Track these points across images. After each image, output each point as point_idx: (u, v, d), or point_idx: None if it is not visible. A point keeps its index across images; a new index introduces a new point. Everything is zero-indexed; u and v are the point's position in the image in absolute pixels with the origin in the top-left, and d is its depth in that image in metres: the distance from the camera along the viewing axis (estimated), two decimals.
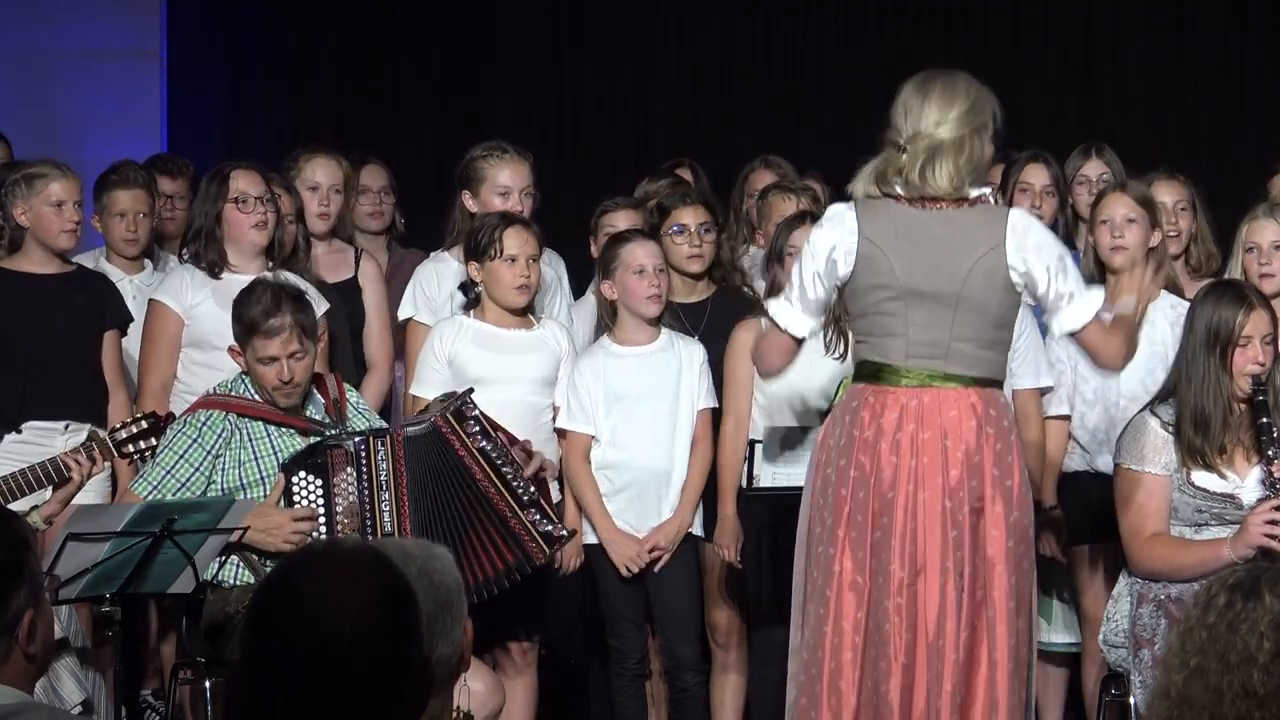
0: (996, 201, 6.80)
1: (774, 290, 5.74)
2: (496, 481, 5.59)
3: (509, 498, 5.58)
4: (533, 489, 5.62)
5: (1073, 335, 5.18)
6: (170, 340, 6.36)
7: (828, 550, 5.01)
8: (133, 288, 6.78)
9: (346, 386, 5.84)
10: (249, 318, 5.58)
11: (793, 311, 5.13)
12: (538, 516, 5.60)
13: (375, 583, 2.70)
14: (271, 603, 2.70)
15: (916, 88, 5.12)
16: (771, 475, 6.00)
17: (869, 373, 5.09)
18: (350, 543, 2.89)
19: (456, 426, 5.60)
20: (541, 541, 5.60)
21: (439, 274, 6.46)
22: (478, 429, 5.61)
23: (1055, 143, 7.98)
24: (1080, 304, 5.11)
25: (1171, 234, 6.51)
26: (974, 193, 5.09)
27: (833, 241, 5.06)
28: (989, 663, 4.96)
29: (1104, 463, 6.02)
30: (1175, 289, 6.31)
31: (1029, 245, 5.05)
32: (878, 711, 4.93)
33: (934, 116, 5.06)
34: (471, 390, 5.71)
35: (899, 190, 5.06)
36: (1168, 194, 6.57)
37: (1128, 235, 6.22)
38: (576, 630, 6.76)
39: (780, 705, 5.24)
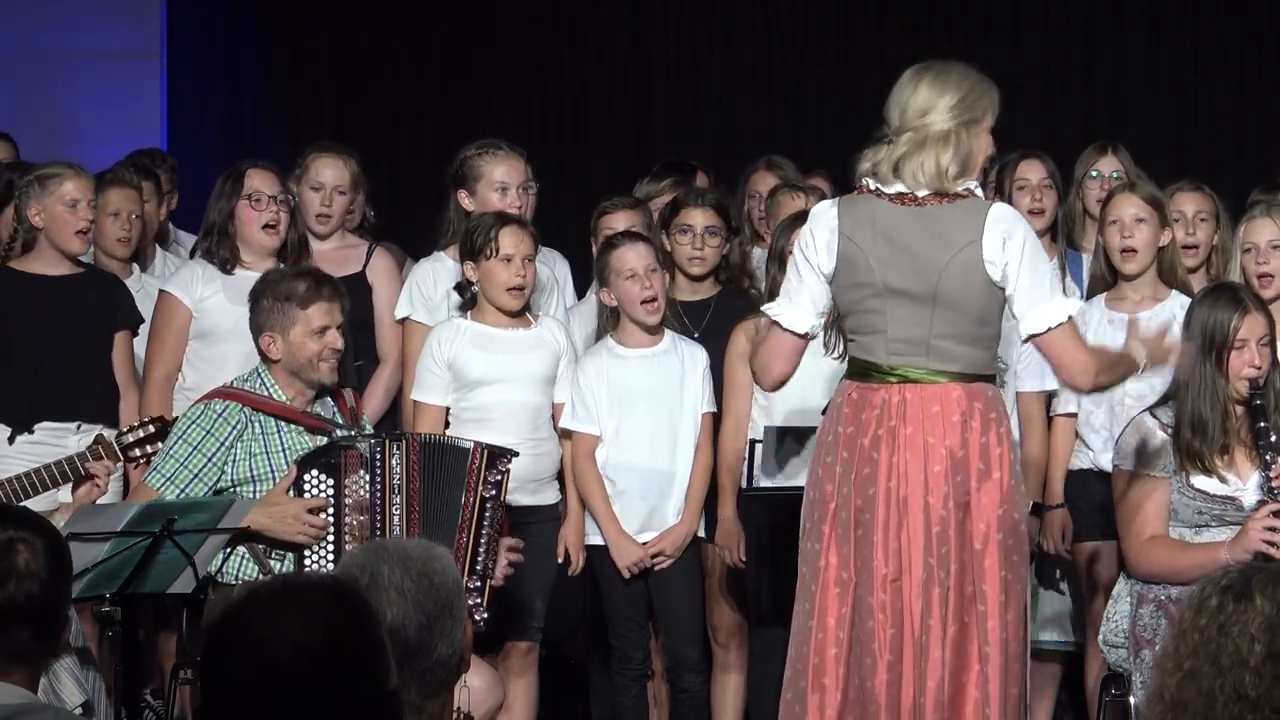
0: (988, 197, 6.78)
1: (774, 291, 5.67)
2: (472, 534, 5.52)
3: (468, 556, 5.50)
4: (491, 566, 5.55)
5: (1034, 338, 5.02)
6: (177, 332, 6.38)
7: (814, 546, 5.00)
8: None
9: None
10: (298, 294, 5.53)
11: (791, 309, 5.09)
12: (477, 585, 5.49)
13: (327, 619, 2.67)
14: (222, 637, 2.69)
15: (910, 78, 5.03)
16: (772, 476, 6.00)
17: (857, 370, 5.06)
18: (307, 578, 2.86)
19: (483, 467, 5.55)
20: None
21: (435, 273, 6.45)
22: (495, 482, 5.56)
23: (1055, 143, 8.00)
24: (1049, 308, 4.98)
25: (1191, 244, 6.49)
26: (959, 187, 4.99)
27: (817, 239, 5.03)
28: (980, 658, 4.92)
29: (1109, 461, 6.00)
30: (1187, 292, 6.28)
31: (1008, 241, 4.95)
32: (864, 707, 4.90)
33: (922, 107, 4.98)
34: (516, 454, 5.64)
35: (880, 185, 4.99)
36: (1189, 204, 6.52)
37: (1137, 235, 6.20)
38: (578, 631, 6.76)
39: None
